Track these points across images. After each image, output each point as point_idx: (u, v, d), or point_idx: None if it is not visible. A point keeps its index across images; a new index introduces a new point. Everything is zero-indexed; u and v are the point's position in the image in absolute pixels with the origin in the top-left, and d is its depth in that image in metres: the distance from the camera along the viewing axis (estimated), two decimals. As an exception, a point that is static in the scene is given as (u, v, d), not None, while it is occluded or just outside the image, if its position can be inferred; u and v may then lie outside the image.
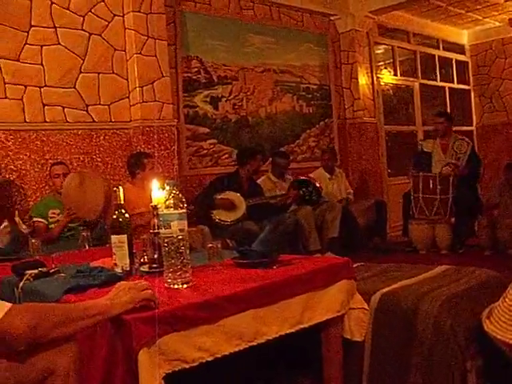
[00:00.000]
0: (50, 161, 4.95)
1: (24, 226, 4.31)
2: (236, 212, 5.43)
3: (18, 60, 4.85)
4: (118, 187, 2.46)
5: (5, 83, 4.78)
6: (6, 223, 4.11)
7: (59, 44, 5.09)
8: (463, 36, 10.23)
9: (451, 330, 2.41)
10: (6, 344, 1.55)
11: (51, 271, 2.50)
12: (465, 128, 9.90)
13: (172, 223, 2.06)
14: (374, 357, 2.60)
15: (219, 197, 5.45)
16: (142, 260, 2.54)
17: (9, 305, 1.54)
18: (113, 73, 5.42)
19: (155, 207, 2.38)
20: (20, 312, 1.54)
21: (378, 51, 8.69)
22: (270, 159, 6.47)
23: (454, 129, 6.83)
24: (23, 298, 2.30)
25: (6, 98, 4.79)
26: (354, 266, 2.70)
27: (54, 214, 4.50)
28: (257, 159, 5.84)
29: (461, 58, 10.27)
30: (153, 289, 1.86)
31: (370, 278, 3.00)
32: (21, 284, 2.34)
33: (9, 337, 1.51)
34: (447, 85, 9.98)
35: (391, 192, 8.31)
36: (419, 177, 6.18)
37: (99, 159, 5.32)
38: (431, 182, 6.07)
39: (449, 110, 9.62)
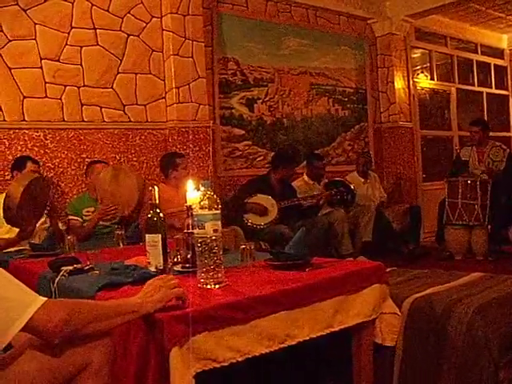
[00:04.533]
0: (87, 159, 5.03)
1: (60, 223, 4.38)
2: (268, 215, 5.44)
3: (58, 60, 4.95)
4: (153, 187, 2.49)
5: (45, 83, 4.88)
6: (43, 219, 4.19)
7: (98, 45, 5.17)
8: (503, 40, 10.09)
9: (484, 338, 2.38)
10: (41, 336, 1.59)
11: (86, 268, 2.54)
12: (502, 134, 9.77)
13: (206, 224, 2.08)
14: (405, 362, 2.59)
15: (250, 201, 5.46)
16: (175, 259, 2.56)
17: (44, 298, 1.57)
18: (150, 73, 5.48)
19: (190, 207, 2.40)
20: (55, 306, 1.58)
21: (415, 55, 8.62)
22: (305, 162, 6.47)
23: (492, 134, 6.72)
24: (59, 293, 2.34)
25: (46, 97, 4.88)
26: (387, 270, 2.69)
27: (88, 212, 4.55)
28: (291, 167, 5.82)
29: (499, 62, 10.13)
30: (182, 286, 1.88)
31: (403, 283, 2.99)
32: (56, 279, 2.39)
33: (43, 329, 1.54)
34: (485, 90, 9.85)
35: (426, 197, 8.22)
36: (458, 182, 6.08)
37: (135, 159, 5.38)
38: (472, 187, 5.99)
39: (486, 116, 9.50)
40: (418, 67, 8.74)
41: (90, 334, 1.66)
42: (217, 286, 2.09)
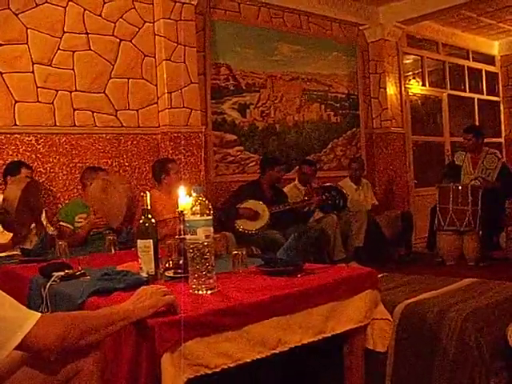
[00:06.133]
0: (79, 164, 5.02)
1: (52, 228, 4.37)
2: (260, 220, 5.43)
3: (50, 65, 4.94)
4: (145, 192, 2.49)
5: (37, 87, 4.87)
6: (34, 224, 4.18)
7: (90, 49, 5.16)
8: (494, 47, 10.14)
9: (475, 344, 2.38)
10: (37, 354, 1.56)
11: (77, 273, 2.53)
12: (494, 139, 9.81)
13: (198, 229, 2.07)
14: (397, 368, 2.59)
15: (242, 206, 5.45)
16: (167, 265, 2.55)
17: (38, 314, 1.54)
18: (142, 78, 5.48)
19: (181, 213, 2.40)
20: (49, 322, 1.55)
21: (407, 61, 8.66)
22: (297, 167, 6.47)
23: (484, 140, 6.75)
24: (50, 299, 2.33)
25: (37, 101, 4.87)
26: (379, 276, 2.69)
27: (81, 218, 4.53)
28: (275, 169, 5.79)
29: (491, 68, 10.18)
30: (174, 294, 1.88)
31: (395, 288, 2.99)
32: (47, 285, 2.37)
33: (39, 347, 1.51)
34: (476, 96, 9.89)
35: (417, 203, 8.25)
36: (450, 188, 6.12)
37: (127, 164, 5.37)
38: (463, 193, 6.02)
39: (477, 122, 9.55)
40: (410, 73, 8.77)
41: (84, 346, 1.64)
42: (208, 292, 2.09)
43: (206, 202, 2.13)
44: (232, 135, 6.33)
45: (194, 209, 2.10)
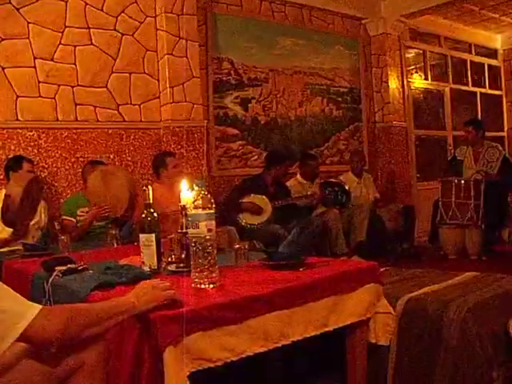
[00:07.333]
0: (81, 159, 5.02)
1: (55, 223, 4.37)
2: (262, 215, 5.43)
3: (51, 60, 4.93)
4: (147, 186, 2.49)
5: (39, 82, 4.87)
6: (37, 219, 4.18)
7: (92, 44, 5.16)
8: (496, 40, 10.11)
9: (477, 337, 2.38)
10: (38, 346, 1.56)
11: (80, 268, 2.52)
12: (496, 134, 9.78)
13: (200, 223, 2.07)
14: (399, 362, 2.59)
15: (245, 200, 5.45)
16: (169, 259, 2.55)
17: (39, 306, 1.54)
18: (144, 73, 5.47)
19: (184, 207, 2.40)
20: (50, 314, 1.55)
21: (409, 55, 8.62)
22: (298, 162, 6.45)
23: (486, 134, 6.74)
24: (52, 293, 2.33)
25: (39, 96, 4.87)
26: (381, 270, 2.69)
27: (82, 212, 4.53)
28: (283, 166, 5.79)
29: (493, 62, 10.15)
30: (175, 289, 1.88)
31: (397, 282, 2.99)
32: (50, 280, 2.37)
33: (40, 339, 1.52)
34: (479, 90, 9.86)
35: (420, 197, 8.23)
36: (452, 181, 6.12)
37: (129, 158, 5.37)
38: (465, 186, 6.02)
39: (480, 115, 9.52)
40: (412, 67, 8.75)
41: (86, 338, 1.64)
42: (211, 286, 2.09)
43: (209, 195, 2.13)
44: (234, 129, 6.32)
45: (196, 203, 2.10)
